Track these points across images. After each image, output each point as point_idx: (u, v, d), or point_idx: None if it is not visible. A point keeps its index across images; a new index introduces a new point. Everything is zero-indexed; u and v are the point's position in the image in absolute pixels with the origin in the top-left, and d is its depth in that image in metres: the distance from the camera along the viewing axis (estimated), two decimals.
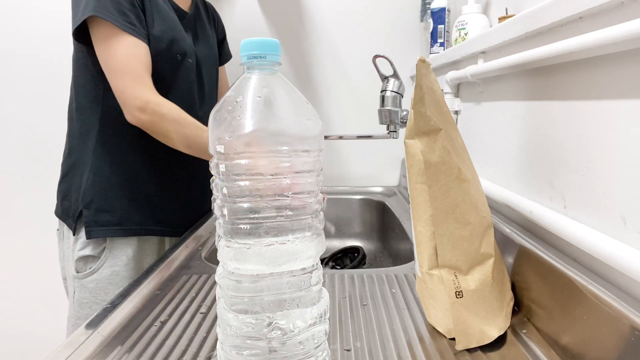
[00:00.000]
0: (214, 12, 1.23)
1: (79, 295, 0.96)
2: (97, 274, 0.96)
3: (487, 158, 0.86)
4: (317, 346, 0.44)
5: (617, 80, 0.47)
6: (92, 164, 0.96)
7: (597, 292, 0.45)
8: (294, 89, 0.44)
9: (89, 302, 0.95)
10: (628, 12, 0.45)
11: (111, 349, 0.53)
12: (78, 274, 0.96)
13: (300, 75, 1.50)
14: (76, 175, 0.99)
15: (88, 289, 0.96)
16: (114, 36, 0.86)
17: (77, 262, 0.96)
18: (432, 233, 0.54)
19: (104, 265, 0.96)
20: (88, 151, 0.97)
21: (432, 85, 0.55)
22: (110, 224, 0.96)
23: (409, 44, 1.47)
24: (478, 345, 0.52)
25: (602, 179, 0.50)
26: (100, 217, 0.96)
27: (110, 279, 0.96)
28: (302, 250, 0.42)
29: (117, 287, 0.96)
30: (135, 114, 0.87)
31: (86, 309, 0.96)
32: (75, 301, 0.97)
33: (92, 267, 0.96)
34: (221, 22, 1.26)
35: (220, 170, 0.41)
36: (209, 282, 0.73)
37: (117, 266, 0.97)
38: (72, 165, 1.00)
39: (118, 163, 0.97)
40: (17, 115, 1.51)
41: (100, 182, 0.96)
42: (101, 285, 0.96)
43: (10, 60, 1.48)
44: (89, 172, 0.96)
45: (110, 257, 0.96)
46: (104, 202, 0.96)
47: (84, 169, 0.97)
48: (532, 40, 0.66)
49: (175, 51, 0.98)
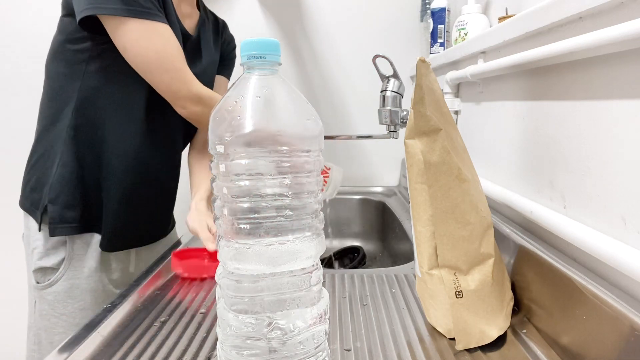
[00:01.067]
0: (224, 30, 1.11)
1: (39, 307, 0.90)
2: (56, 286, 0.88)
3: (487, 158, 0.86)
4: (317, 346, 0.44)
5: (617, 80, 0.47)
6: (61, 157, 0.88)
7: (597, 292, 0.45)
8: (293, 89, 0.44)
9: (48, 314, 0.89)
10: (628, 12, 0.45)
11: (111, 349, 0.53)
12: (38, 284, 0.89)
13: (300, 75, 1.50)
14: (45, 167, 0.90)
15: (47, 301, 0.89)
16: (140, 27, 0.78)
17: (35, 272, 0.89)
18: (432, 233, 0.54)
19: (62, 278, 0.88)
20: (57, 142, 0.88)
21: (432, 85, 0.55)
22: (75, 221, 0.88)
23: (409, 44, 1.47)
24: (478, 345, 0.52)
25: (602, 179, 0.50)
26: (65, 214, 0.88)
27: (69, 292, 0.89)
28: (302, 250, 0.42)
29: (77, 300, 0.89)
30: (189, 106, 0.83)
31: (45, 321, 0.89)
32: (36, 311, 0.91)
33: (51, 279, 0.88)
34: (232, 42, 1.14)
35: (220, 170, 0.41)
36: (209, 282, 0.73)
37: (78, 279, 0.89)
38: (42, 154, 0.91)
39: (87, 158, 0.89)
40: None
41: (68, 176, 0.88)
42: (59, 298, 0.88)
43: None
44: (57, 165, 0.88)
45: (70, 269, 0.89)
46: (70, 197, 0.88)
47: (52, 161, 0.89)
48: (532, 40, 0.66)
49: None
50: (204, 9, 1.04)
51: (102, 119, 0.87)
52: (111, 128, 0.88)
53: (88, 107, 0.87)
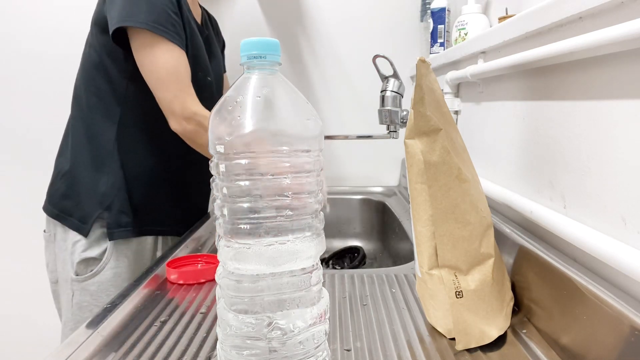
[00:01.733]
0: (216, 24, 1.23)
1: (79, 299, 0.95)
2: (100, 276, 0.95)
3: (487, 158, 0.86)
4: (317, 346, 0.44)
5: (617, 80, 0.47)
6: (109, 166, 0.97)
7: (597, 292, 0.45)
8: (294, 89, 0.44)
9: (90, 305, 0.95)
10: (628, 12, 0.45)
11: (111, 349, 0.53)
12: (78, 276, 0.95)
13: (300, 75, 1.50)
14: (83, 177, 0.98)
15: (89, 292, 0.95)
16: (161, 46, 0.87)
17: (78, 264, 0.95)
18: (432, 233, 0.54)
19: (106, 267, 0.96)
20: (102, 153, 0.97)
21: (432, 85, 0.55)
22: (129, 225, 0.98)
23: (409, 44, 1.46)
24: (478, 345, 0.52)
25: (602, 179, 0.50)
26: (121, 219, 0.97)
27: (112, 281, 0.96)
28: (302, 250, 0.42)
29: (119, 288, 0.94)
30: (182, 123, 0.90)
31: (86, 312, 0.95)
32: (74, 305, 0.96)
33: (94, 270, 0.95)
34: (222, 36, 1.27)
35: (220, 170, 0.41)
36: (209, 283, 0.73)
37: (119, 268, 0.97)
38: (75, 165, 0.99)
39: (134, 166, 0.99)
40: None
41: (118, 184, 0.97)
42: (103, 288, 0.95)
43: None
44: (107, 174, 0.97)
45: (113, 259, 0.96)
46: (124, 203, 0.97)
47: (97, 170, 0.97)
48: (532, 40, 0.66)
49: (197, 68, 0.99)
50: (199, 5, 1.13)
51: (145, 130, 0.98)
52: (154, 137, 0.99)
53: (131, 120, 0.97)
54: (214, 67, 1.10)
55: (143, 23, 0.85)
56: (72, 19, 1.45)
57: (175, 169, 1.05)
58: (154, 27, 0.85)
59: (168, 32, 0.87)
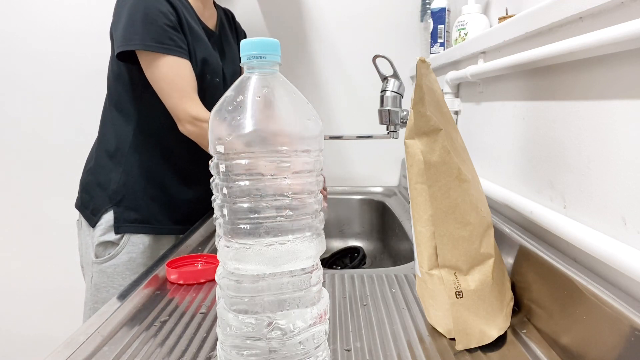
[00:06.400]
0: (233, 18, 1.27)
1: (97, 280, 1.04)
2: (116, 259, 1.03)
3: (487, 158, 0.86)
4: (317, 346, 0.44)
5: (617, 80, 0.47)
6: (124, 166, 1.06)
7: (597, 292, 0.45)
8: (294, 89, 0.44)
9: (107, 286, 1.03)
10: (628, 12, 0.45)
11: (111, 349, 0.53)
12: (97, 259, 1.04)
13: (300, 75, 1.50)
14: (101, 173, 1.08)
15: (106, 274, 1.03)
16: (159, 61, 0.97)
17: (97, 247, 1.04)
18: (432, 233, 0.54)
19: (122, 252, 1.04)
20: (118, 154, 1.07)
21: (432, 85, 0.55)
22: (136, 222, 1.06)
23: (409, 44, 1.46)
24: (478, 345, 0.52)
25: (602, 179, 0.50)
26: (128, 215, 1.05)
27: (127, 264, 1.04)
28: (302, 250, 0.42)
29: (133, 272, 1.04)
30: (187, 126, 0.99)
31: (103, 293, 1.03)
32: (92, 286, 1.05)
33: (111, 253, 1.04)
34: (243, 31, 1.31)
35: (220, 170, 0.41)
36: (209, 283, 0.73)
37: (134, 253, 1.05)
38: (97, 161, 1.09)
39: (147, 168, 1.07)
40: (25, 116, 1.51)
41: (130, 183, 1.06)
42: (119, 270, 1.03)
43: (12, 59, 1.48)
44: (121, 173, 1.06)
45: (129, 244, 1.04)
46: (132, 201, 1.06)
47: (113, 169, 1.06)
48: (532, 40, 0.66)
49: (206, 71, 1.06)
50: (215, 5, 1.18)
51: (157, 133, 1.06)
52: (166, 140, 1.07)
53: (145, 124, 1.06)
54: (227, 67, 1.15)
55: (140, 45, 0.95)
56: (76, 18, 1.45)
57: (185, 169, 1.11)
58: (150, 47, 0.95)
59: (164, 47, 0.96)
